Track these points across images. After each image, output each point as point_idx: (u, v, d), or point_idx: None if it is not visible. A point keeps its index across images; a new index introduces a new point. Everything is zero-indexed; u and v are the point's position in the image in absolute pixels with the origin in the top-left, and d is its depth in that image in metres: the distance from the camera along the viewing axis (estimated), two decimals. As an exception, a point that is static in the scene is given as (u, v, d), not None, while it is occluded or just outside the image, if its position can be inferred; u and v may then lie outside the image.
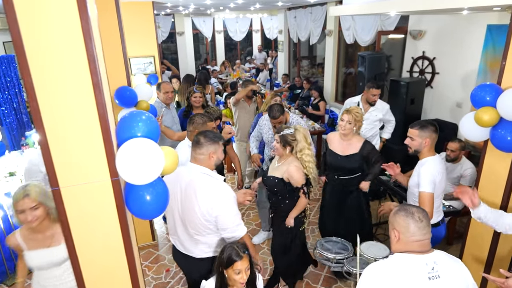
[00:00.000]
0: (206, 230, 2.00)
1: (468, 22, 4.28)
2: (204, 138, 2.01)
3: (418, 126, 2.37)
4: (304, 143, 2.58)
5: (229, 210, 1.95)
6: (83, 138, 1.37)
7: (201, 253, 2.09)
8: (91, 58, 1.28)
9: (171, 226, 2.16)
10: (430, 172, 2.29)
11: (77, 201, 1.44)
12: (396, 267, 1.44)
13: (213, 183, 1.98)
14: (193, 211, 1.95)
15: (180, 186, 2.00)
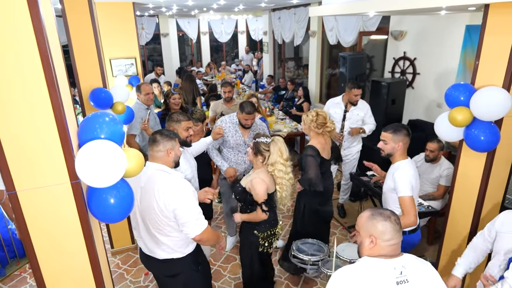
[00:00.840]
0: (166, 227, 1.98)
1: (447, 22, 4.34)
2: (161, 135, 2.03)
3: (391, 130, 2.35)
4: (277, 157, 2.41)
5: (187, 203, 1.93)
6: (39, 140, 1.32)
7: (164, 253, 2.07)
8: (44, 56, 1.23)
9: (135, 227, 2.14)
10: (405, 176, 2.27)
11: (36, 205, 1.39)
12: (363, 272, 1.41)
13: (169, 178, 1.97)
14: (152, 208, 1.94)
15: (139, 185, 2.00)
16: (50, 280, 1.51)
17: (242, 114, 3.15)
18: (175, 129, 2.56)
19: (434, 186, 3.75)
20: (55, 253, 1.47)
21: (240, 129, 3.27)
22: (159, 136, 2.03)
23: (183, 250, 2.09)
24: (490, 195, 2.49)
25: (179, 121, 2.57)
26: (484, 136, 2.21)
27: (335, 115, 3.97)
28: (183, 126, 2.58)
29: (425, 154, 3.73)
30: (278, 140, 2.46)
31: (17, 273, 3.47)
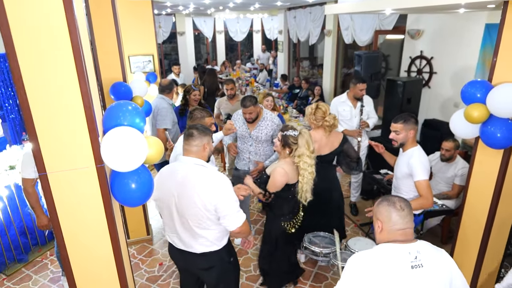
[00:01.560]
0: (207, 221, 1.99)
1: (466, 21, 4.29)
2: (197, 130, 2.04)
3: (401, 120, 2.54)
4: (304, 150, 2.48)
5: (228, 196, 1.96)
6: (69, 126, 1.40)
7: (202, 247, 2.07)
8: (75, 49, 1.32)
9: (169, 223, 2.11)
10: (421, 161, 2.45)
11: (63, 186, 1.48)
12: (379, 256, 1.44)
13: (208, 172, 1.99)
14: (193, 203, 1.94)
15: (176, 180, 1.99)
16: (74, 258, 1.59)
17: (242, 109, 3.28)
18: None
19: (449, 185, 3.72)
20: (80, 232, 1.56)
21: (247, 122, 3.38)
22: (196, 131, 2.03)
23: (219, 242, 2.12)
24: (506, 194, 2.47)
25: (203, 117, 2.62)
26: (501, 133, 2.20)
27: (344, 113, 3.96)
28: (207, 122, 2.62)
29: (440, 154, 3.71)
30: (305, 133, 2.53)
31: (38, 259, 3.62)
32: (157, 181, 2.03)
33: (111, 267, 1.71)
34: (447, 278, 1.47)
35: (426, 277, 1.41)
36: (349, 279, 1.45)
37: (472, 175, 2.60)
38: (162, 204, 2.10)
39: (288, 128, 2.52)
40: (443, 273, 1.45)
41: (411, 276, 1.40)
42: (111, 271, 1.71)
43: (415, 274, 1.40)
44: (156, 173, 5.10)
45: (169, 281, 3.27)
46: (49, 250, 3.74)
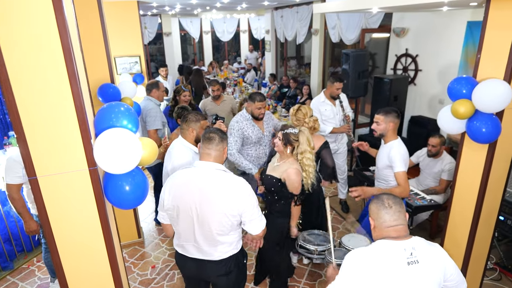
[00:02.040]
0: (230, 227, 1.95)
1: (448, 19, 4.39)
2: (218, 134, 1.96)
3: (383, 112, 2.69)
4: (306, 146, 2.54)
5: (253, 202, 1.94)
6: (60, 128, 1.38)
7: (222, 254, 2.02)
8: (66, 49, 1.29)
9: (186, 232, 1.99)
10: (400, 153, 2.62)
11: (55, 190, 1.45)
12: (375, 253, 1.46)
13: (231, 178, 1.93)
14: (217, 209, 1.87)
15: (197, 187, 1.88)
16: (67, 263, 1.57)
17: (255, 104, 3.13)
18: (194, 128, 2.55)
19: (437, 180, 3.80)
20: (73, 237, 1.53)
21: (256, 123, 3.25)
22: (217, 135, 1.95)
23: (238, 245, 2.09)
24: (491, 188, 2.54)
25: (198, 121, 2.56)
26: (486, 128, 2.26)
27: (326, 112, 3.98)
28: (201, 125, 2.57)
29: (427, 150, 3.78)
30: (305, 130, 2.59)
31: (25, 267, 3.54)
32: (170, 189, 1.94)
33: (106, 272, 1.68)
34: (442, 272, 1.50)
35: (422, 273, 1.44)
36: (347, 275, 1.47)
37: (459, 170, 2.66)
38: (176, 213, 1.96)
39: (288, 127, 2.55)
40: (438, 268, 1.48)
41: (407, 273, 1.42)
42: (106, 275, 1.69)
43: (411, 270, 1.42)
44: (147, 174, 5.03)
45: (163, 283, 3.25)
46: (36, 256, 3.66)
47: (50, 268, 3.16)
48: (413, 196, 3.63)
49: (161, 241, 3.87)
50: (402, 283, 1.41)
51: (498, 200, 2.65)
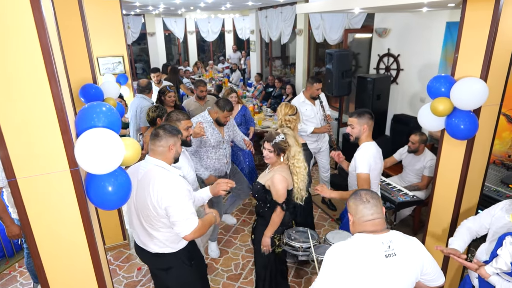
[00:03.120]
0: (158, 223, 1.99)
1: (428, 19, 4.50)
2: (164, 130, 2.02)
3: (356, 114, 2.60)
4: (296, 147, 2.44)
5: (179, 202, 1.92)
6: (39, 128, 1.35)
7: (156, 247, 2.08)
8: (45, 49, 1.27)
9: (130, 218, 2.16)
10: (364, 155, 2.52)
11: (35, 192, 1.42)
12: (354, 247, 1.50)
13: (166, 175, 1.97)
14: (145, 202, 1.96)
15: (137, 178, 2.01)
16: (50, 267, 1.54)
17: (224, 113, 3.16)
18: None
19: (419, 177, 3.89)
20: (54, 240, 1.50)
21: (216, 126, 3.28)
22: (162, 131, 2.01)
23: (175, 245, 2.10)
24: (470, 182, 2.62)
25: (179, 120, 2.55)
26: (464, 125, 2.33)
27: (307, 112, 4.03)
28: (183, 125, 2.56)
29: (407, 146, 3.88)
30: (289, 131, 2.49)
31: (6, 272, 3.44)
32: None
33: (90, 275, 1.66)
34: (419, 265, 1.54)
35: (400, 265, 1.48)
36: (328, 270, 1.49)
37: (440, 166, 2.73)
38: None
39: (274, 135, 2.42)
40: (415, 261, 1.53)
41: (385, 265, 1.46)
42: (90, 279, 1.66)
43: (389, 262, 1.46)
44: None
45: (149, 285, 3.22)
46: (18, 261, 3.57)
47: (32, 273, 3.08)
48: (396, 192, 3.70)
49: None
50: (380, 275, 1.45)
51: (477, 194, 2.73)
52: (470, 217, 2.24)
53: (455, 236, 2.16)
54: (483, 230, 2.12)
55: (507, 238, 1.68)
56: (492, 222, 2.04)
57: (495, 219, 2.02)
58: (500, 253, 1.70)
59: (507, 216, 1.83)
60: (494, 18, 2.16)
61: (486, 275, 1.79)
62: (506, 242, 1.68)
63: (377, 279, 1.45)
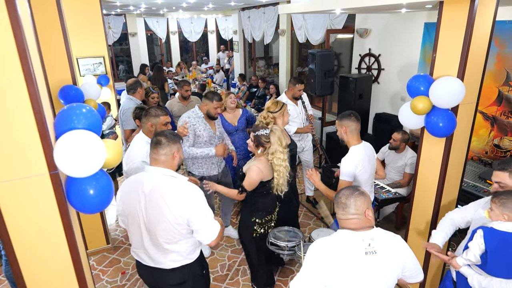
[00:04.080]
0: (178, 236, 1.86)
1: (407, 20, 4.60)
2: (166, 137, 1.87)
3: (338, 117, 2.58)
4: (277, 146, 2.51)
5: (201, 209, 1.83)
6: (16, 131, 1.31)
7: (173, 263, 1.94)
8: (20, 48, 1.23)
9: (136, 239, 1.95)
10: (348, 162, 2.47)
11: (13, 196, 1.37)
12: (335, 243, 1.52)
13: (179, 184, 1.85)
14: (163, 217, 1.80)
15: (144, 193, 1.83)
16: (29, 274, 1.49)
17: (213, 103, 3.16)
18: (154, 124, 2.50)
19: (400, 174, 3.98)
20: (34, 246, 1.46)
21: (208, 122, 3.28)
22: (164, 139, 1.86)
23: (191, 256, 2.00)
24: (450, 178, 2.69)
25: (158, 116, 2.52)
26: (443, 123, 2.39)
27: (290, 112, 3.99)
28: (161, 121, 2.53)
29: (389, 142, 3.97)
30: (276, 130, 2.54)
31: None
32: (121, 194, 1.91)
33: (72, 282, 1.61)
34: (400, 263, 1.57)
35: (379, 263, 1.50)
36: (310, 264, 1.51)
37: (420, 163, 2.80)
38: (127, 219, 1.94)
39: (259, 128, 2.51)
40: (396, 258, 1.55)
41: (364, 262, 1.48)
42: (72, 285, 1.62)
43: (368, 260, 1.48)
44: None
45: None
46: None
47: (11, 281, 2.98)
48: (379, 189, 3.78)
49: (131, 245, 3.76)
50: (359, 272, 1.47)
51: (457, 190, 2.81)
52: (456, 208, 2.30)
53: (438, 229, 2.21)
54: (464, 223, 2.16)
55: (478, 231, 1.74)
56: (474, 216, 2.10)
57: (477, 214, 2.08)
58: (470, 245, 1.76)
59: (483, 212, 1.89)
60: (469, 19, 2.22)
61: (457, 266, 1.85)
62: (476, 235, 1.74)
63: (356, 275, 1.47)
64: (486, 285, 1.78)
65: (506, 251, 1.66)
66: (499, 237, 1.68)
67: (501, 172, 1.89)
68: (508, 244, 1.66)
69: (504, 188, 1.88)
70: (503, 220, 1.71)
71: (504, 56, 3.62)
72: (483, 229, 1.73)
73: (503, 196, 1.73)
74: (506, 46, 3.59)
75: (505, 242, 1.66)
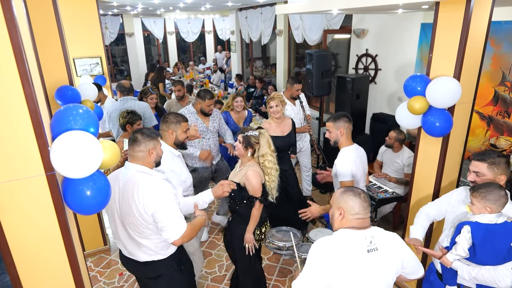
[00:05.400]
0: (146, 230, 1.91)
1: (404, 21, 4.62)
2: (142, 135, 1.93)
3: (332, 119, 2.58)
4: (267, 149, 2.46)
5: (166, 206, 1.86)
6: (12, 132, 1.30)
7: (146, 256, 1.99)
8: (16, 48, 1.22)
9: (113, 229, 2.06)
10: (344, 164, 2.49)
11: (9, 198, 1.36)
12: (338, 241, 1.53)
13: (150, 180, 1.90)
14: (131, 210, 1.88)
15: (119, 187, 1.93)
16: (26, 277, 1.48)
17: (206, 101, 3.31)
18: (174, 131, 2.46)
19: (398, 173, 3.98)
20: (30, 248, 1.45)
21: (201, 117, 3.43)
22: (140, 136, 1.93)
23: (165, 252, 2.03)
24: (447, 178, 2.71)
25: (179, 122, 2.47)
26: (439, 122, 2.40)
27: (287, 112, 4.08)
28: (182, 127, 2.48)
29: (385, 140, 4.00)
30: (265, 132, 2.50)
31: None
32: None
33: (69, 284, 1.60)
34: (400, 259, 1.59)
35: (381, 259, 1.52)
36: (312, 264, 1.51)
37: (417, 163, 2.81)
38: (108, 212, 2.05)
39: (248, 129, 2.49)
40: (396, 255, 1.58)
41: (367, 259, 1.50)
42: (69, 287, 1.61)
43: (371, 257, 1.50)
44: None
45: (131, 290, 3.16)
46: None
47: (7, 284, 2.96)
48: (376, 189, 3.79)
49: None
50: (362, 269, 1.49)
51: (454, 188, 2.82)
52: (429, 202, 2.31)
53: (416, 224, 2.23)
54: (440, 215, 2.21)
55: (465, 227, 1.78)
56: (448, 209, 2.14)
57: (451, 207, 2.12)
58: (458, 240, 1.80)
59: (464, 207, 1.92)
60: (465, 20, 2.24)
61: (448, 262, 1.89)
62: (463, 230, 1.78)
63: (359, 273, 1.48)
64: (476, 274, 1.84)
65: (491, 241, 1.72)
66: (484, 230, 1.74)
67: (480, 163, 1.95)
68: (493, 235, 1.72)
69: (481, 177, 1.93)
70: (486, 212, 1.76)
71: (500, 57, 3.64)
72: (470, 224, 1.78)
73: (482, 189, 1.78)
74: (502, 47, 3.61)
75: (490, 234, 1.73)
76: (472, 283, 1.92)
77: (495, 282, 1.79)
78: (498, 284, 1.79)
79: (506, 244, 1.71)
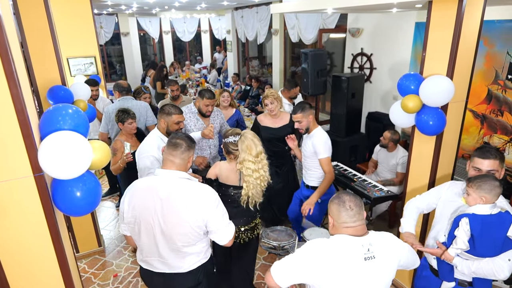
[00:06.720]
0: (196, 238, 1.83)
1: (398, 20, 4.62)
2: (186, 142, 1.84)
3: (299, 110, 2.81)
4: (245, 155, 2.27)
5: (219, 210, 1.83)
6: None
7: (190, 265, 1.91)
8: (1, 47, 1.20)
9: (149, 246, 1.85)
10: (323, 141, 2.80)
11: (-3, 200, 1.34)
12: (334, 246, 1.49)
13: (195, 186, 1.82)
14: (182, 220, 1.76)
15: (160, 198, 1.75)
16: (14, 281, 1.46)
17: (203, 100, 3.22)
18: (166, 121, 2.51)
19: (393, 173, 3.99)
20: (19, 250, 1.43)
21: (200, 117, 3.38)
22: (185, 143, 1.83)
23: (207, 254, 1.99)
24: (441, 176, 2.71)
25: (170, 114, 2.52)
26: (433, 121, 2.40)
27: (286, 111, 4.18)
28: (174, 119, 2.53)
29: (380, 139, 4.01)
30: (245, 137, 2.31)
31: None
32: (130, 200, 1.81)
33: (59, 286, 1.59)
34: (396, 263, 1.57)
35: (378, 267, 1.49)
36: (301, 256, 1.49)
37: (411, 161, 2.81)
38: (137, 227, 1.83)
39: (229, 134, 2.37)
40: (392, 262, 1.55)
41: (363, 268, 1.46)
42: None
43: (368, 265, 1.47)
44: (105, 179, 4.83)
45: (125, 291, 3.14)
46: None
47: None
48: (372, 188, 3.78)
49: (124, 248, 3.74)
50: (358, 277, 1.46)
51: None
52: (418, 195, 2.29)
53: (405, 217, 2.22)
54: (427, 208, 2.23)
55: (463, 220, 1.79)
56: (439, 204, 2.13)
57: (442, 201, 2.11)
58: (457, 233, 1.80)
59: (460, 200, 1.92)
60: (457, 19, 2.24)
61: (450, 257, 1.88)
62: (461, 223, 1.79)
63: (355, 281, 1.46)
64: (476, 268, 1.83)
65: (489, 232, 1.74)
66: (481, 221, 1.75)
67: (493, 161, 1.91)
68: (490, 226, 1.74)
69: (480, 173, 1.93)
70: (481, 202, 1.77)
71: (493, 55, 3.65)
72: (468, 216, 1.78)
73: (478, 180, 1.79)
74: (494, 46, 3.62)
75: (487, 225, 1.74)
76: (469, 276, 1.93)
77: (494, 274, 1.80)
78: (497, 276, 1.80)
79: (502, 234, 1.73)
